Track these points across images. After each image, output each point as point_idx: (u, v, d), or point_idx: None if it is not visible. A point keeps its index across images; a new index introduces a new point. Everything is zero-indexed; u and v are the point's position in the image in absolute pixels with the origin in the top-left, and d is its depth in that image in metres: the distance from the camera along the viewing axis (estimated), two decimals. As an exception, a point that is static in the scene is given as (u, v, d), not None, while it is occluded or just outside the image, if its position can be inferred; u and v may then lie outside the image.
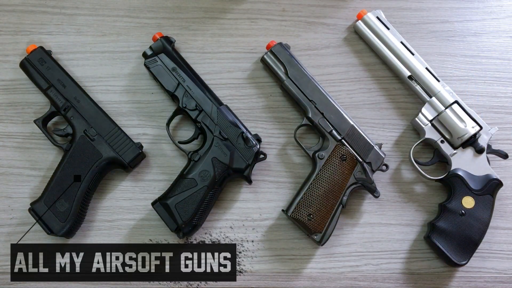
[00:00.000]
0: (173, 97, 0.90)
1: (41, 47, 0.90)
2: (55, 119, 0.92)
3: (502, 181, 0.88)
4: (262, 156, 0.90)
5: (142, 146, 0.90)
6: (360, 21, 0.95)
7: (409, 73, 0.92)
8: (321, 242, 0.87)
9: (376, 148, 0.90)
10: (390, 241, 0.91)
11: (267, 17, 0.98)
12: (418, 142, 0.91)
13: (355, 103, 0.95)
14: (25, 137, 0.92)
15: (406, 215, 0.92)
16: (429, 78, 0.91)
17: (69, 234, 0.86)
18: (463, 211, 0.86)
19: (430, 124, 0.90)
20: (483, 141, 0.89)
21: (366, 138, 0.90)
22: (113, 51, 0.95)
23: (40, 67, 0.89)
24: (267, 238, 0.91)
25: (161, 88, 0.91)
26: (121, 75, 0.95)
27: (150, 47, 0.91)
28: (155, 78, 0.90)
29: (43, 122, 0.89)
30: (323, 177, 0.88)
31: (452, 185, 0.88)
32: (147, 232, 0.90)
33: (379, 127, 0.95)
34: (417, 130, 0.93)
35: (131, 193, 0.91)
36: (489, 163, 0.89)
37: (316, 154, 0.89)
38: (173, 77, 0.89)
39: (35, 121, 0.89)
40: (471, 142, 0.89)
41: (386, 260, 0.91)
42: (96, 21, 0.96)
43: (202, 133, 0.90)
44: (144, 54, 0.91)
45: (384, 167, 0.90)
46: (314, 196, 0.87)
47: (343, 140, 0.89)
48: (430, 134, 0.90)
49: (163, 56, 0.90)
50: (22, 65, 0.90)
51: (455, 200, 0.87)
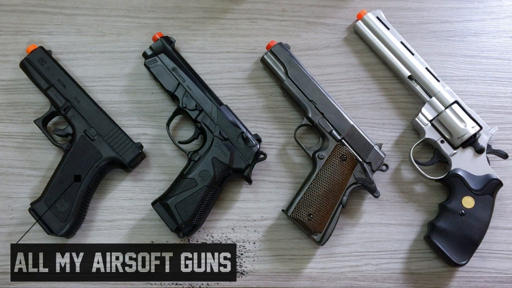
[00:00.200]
0: (173, 97, 0.90)
1: (41, 47, 0.90)
2: (55, 119, 0.92)
3: (502, 181, 0.88)
4: (262, 156, 0.90)
5: (142, 146, 0.90)
6: (360, 21, 0.95)
7: (409, 73, 0.92)
8: (321, 242, 0.87)
9: (376, 148, 0.90)
10: (390, 241, 0.91)
11: (267, 17, 0.98)
12: (418, 142, 0.91)
13: (355, 103, 0.95)
14: (25, 137, 0.92)
15: (406, 215, 0.92)
16: (429, 78, 0.91)
17: (69, 234, 0.86)
18: (463, 211, 0.86)
19: (430, 124, 0.90)
20: (483, 141, 0.89)
21: (366, 138, 0.90)
22: (113, 51, 0.95)
23: (40, 67, 0.89)
24: (267, 238, 0.91)
25: (161, 88, 0.91)
26: (121, 75, 0.95)
27: (150, 47, 0.91)
28: (155, 78, 0.90)
29: (43, 122, 0.89)
30: (323, 177, 0.88)
31: (452, 185, 0.88)
32: (147, 232, 0.90)
33: (379, 127, 0.95)
34: (417, 130, 0.93)
35: (131, 193, 0.91)
36: (489, 163, 0.89)
37: (316, 154, 0.89)
38: (173, 77, 0.89)
39: (35, 121, 0.89)
40: (471, 142, 0.89)
41: (386, 260, 0.91)
42: (96, 21, 0.96)
43: (202, 133, 0.90)
44: (144, 54, 0.91)
45: (384, 167, 0.90)
46: (314, 196, 0.87)
47: (343, 140, 0.89)
48: (430, 134, 0.90)
49: (163, 56, 0.90)
50: (22, 65, 0.90)
51: (455, 200, 0.87)
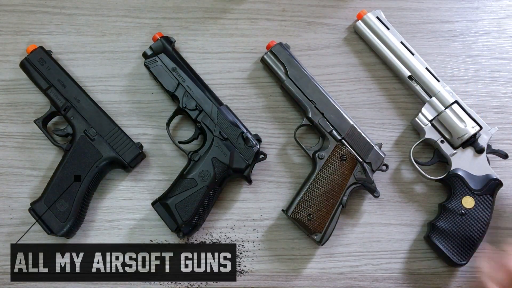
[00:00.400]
0: (173, 97, 0.90)
1: (41, 47, 0.90)
2: (55, 119, 0.92)
3: (502, 181, 0.88)
4: (262, 156, 0.90)
5: (142, 146, 0.90)
6: (360, 21, 0.95)
7: (409, 73, 0.92)
8: (321, 242, 0.87)
9: (376, 148, 0.90)
10: (390, 241, 0.91)
11: (267, 17, 0.98)
12: (418, 142, 0.91)
13: (355, 103, 0.95)
14: (25, 137, 0.92)
15: (406, 215, 0.92)
16: (429, 78, 0.91)
17: (69, 234, 0.86)
18: (463, 211, 0.86)
19: (430, 124, 0.90)
20: (483, 141, 0.89)
21: (366, 138, 0.90)
22: (113, 51, 0.95)
23: (40, 67, 0.89)
24: (267, 238, 0.91)
25: (161, 88, 0.91)
26: (121, 75, 0.95)
27: (150, 47, 0.91)
28: (155, 78, 0.90)
29: (43, 122, 0.89)
30: (323, 177, 0.88)
31: (452, 185, 0.88)
32: (147, 232, 0.90)
33: (379, 127, 0.95)
34: (417, 130, 0.93)
35: (131, 193, 0.91)
36: (489, 163, 0.89)
37: (316, 154, 0.89)
38: (173, 77, 0.89)
39: (35, 121, 0.89)
40: (471, 142, 0.89)
41: (386, 260, 0.91)
42: (96, 21, 0.96)
43: (202, 133, 0.90)
44: (144, 54, 0.91)
45: (384, 167, 0.90)
46: (314, 196, 0.87)
47: (343, 140, 0.89)
48: (430, 134, 0.90)
49: (163, 56, 0.90)
50: (22, 65, 0.90)
51: (455, 200, 0.87)
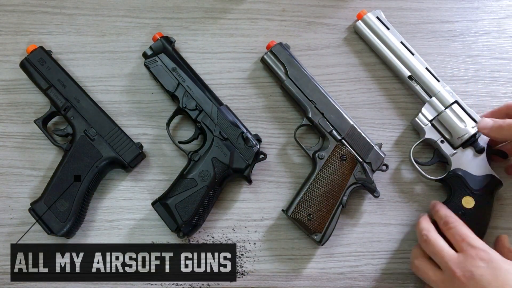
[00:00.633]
0: (173, 97, 0.90)
1: (41, 47, 0.90)
2: (55, 119, 0.92)
3: (502, 181, 0.88)
4: (262, 156, 0.90)
5: (142, 146, 0.90)
6: (360, 21, 0.95)
7: (409, 73, 0.91)
8: (321, 242, 0.87)
9: (376, 148, 0.90)
10: (390, 241, 0.91)
11: (267, 17, 0.98)
12: (418, 142, 0.91)
13: (355, 103, 0.95)
14: (25, 137, 0.92)
15: (406, 215, 0.92)
16: (429, 78, 0.91)
17: (69, 234, 0.86)
18: (463, 211, 0.86)
19: (430, 124, 0.90)
20: (483, 141, 0.89)
21: (366, 138, 0.90)
22: (113, 51, 0.95)
23: (40, 67, 0.89)
24: (267, 238, 0.91)
25: (161, 88, 0.91)
26: (121, 75, 0.95)
27: (150, 47, 0.91)
28: (155, 78, 0.90)
29: (43, 122, 0.89)
30: (323, 177, 0.88)
31: (452, 185, 0.88)
32: (147, 232, 0.90)
33: (379, 127, 0.95)
34: (417, 130, 0.93)
35: (131, 193, 0.91)
36: (490, 163, 0.89)
37: (316, 154, 0.89)
38: (173, 77, 0.89)
39: (35, 121, 0.89)
40: (471, 142, 0.88)
41: (386, 260, 0.91)
42: (96, 21, 0.96)
43: (202, 133, 0.90)
44: (144, 54, 0.91)
45: (384, 167, 0.90)
46: (314, 196, 0.87)
47: (343, 140, 0.89)
48: (430, 134, 0.90)
49: (163, 56, 0.90)
50: (22, 65, 0.90)
51: (455, 200, 0.87)
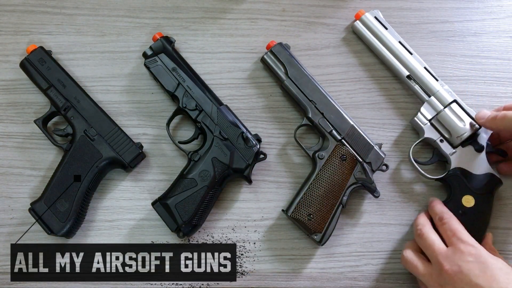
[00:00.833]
0: (173, 97, 0.90)
1: (41, 47, 0.90)
2: (55, 119, 0.92)
3: (502, 180, 0.88)
4: (262, 156, 0.90)
5: (142, 146, 0.90)
6: (358, 21, 0.95)
7: (408, 73, 0.91)
8: (321, 242, 0.87)
9: (376, 148, 0.90)
10: (390, 241, 0.91)
11: (267, 17, 0.98)
12: (417, 142, 0.91)
13: (355, 103, 0.95)
14: (25, 137, 0.92)
15: (406, 215, 0.92)
16: (428, 78, 0.91)
17: (69, 234, 0.86)
18: (463, 210, 0.86)
19: (429, 124, 0.90)
20: (483, 140, 0.88)
21: (366, 138, 0.90)
22: (113, 51, 0.95)
23: (40, 67, 0.89)
24: (267, 238, 0.91)
25: (161, 88, 0.91)
26: (121, 75, 0.95)
27: (150, 47, 0.91)
28: (155, 78, 0.90)
29: (43, 122, 0.89)
30: (323, 177, 0.88)
31: (452, 184, 0.88)
32: (147, 232, 0.90)
33: (379, 127, 0.95)
34: (417, 130, 0.93)
35: (131, 193, 0.91)
36: (489, 162, 0.88)
37: (316, 154, 0.89)
38: (173, 77, 0.89)
39: (35, 121, 0.89)
40: (471, 141, 0.88)
41: (386, 260, 0.91)
42: (96, 21, 0.96)
43: (202, 133, 0.90)
44: (144, 54, 0.91)
45: (384, 167, 0.90)
46: (314, 196, 0.87)
47: (343, 140, 0.89)
48: (429, 134, 0.90)
49: (163, 56, 0.90)
50: (22, 65, 0.90)
51: (455, 199, 0.87)
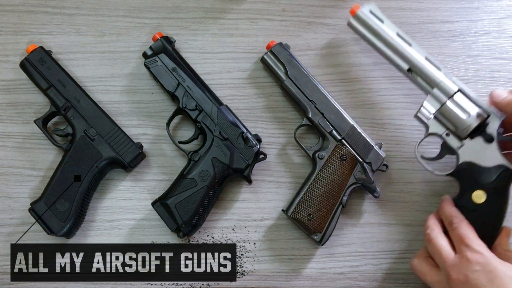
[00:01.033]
0: (173, 97, 0.90)
1: (41, 47, 0.90)
2: (55, 119, 0.92)
3: None
4: (262, 156, 0.90)
5: (142, 146, 0.90)
6: (353, 18, 0.88)
7: (408, 66, 0.85)
8: (321, 242, 0.87)
9: (376, 148, 0.90)
10: (390, 241, 0.91)
11: (267, 17, 0.98)
12: (422, 138, 0.86)
13: (355, 103, 0.95)
14: (25, 137, 0.92)
15: (406, 215, 0.92)
16: (429, 68, 0.84)
17: (69, 234, 0.86)
18: (474, 207, 0.80)
19: (433, 117, 0.84)
20: (492, 129, 0.80)
21: (366, 138, 0.90)
22: (113, 51, 0.95)
23: (40, 67, 0.89)
24: (267, 238, 0.91)
25: (161, 88, 0.91)
26: (121, 75, 0.95)
27: (150, 47, 0.91)
28: (155, 78, 0.90)
29: (43, 122, 0.89)
30: (323, 177, 0.88)
31: (461, 180, 0.82)
32: (147, 232, 0.90)
33: (379, 127, 0.95)
34: (422, 125, 0.87)
35: (131, 193, 0.91)
36: (502, 152, 0.80)
37: (316, 154, 0.89)
38: (173, 77, 0.89)
39: (35, 121, 0.89)
40: (479, 132, 0.81)
41: (386, 260, 0.91)
42: (96, 21, 0.96)
43: (202, 133, 0.90)
44: (144, 54, 0.91)
45: (384, 167, 0.90)
46: (314, 196, 0.87)
47: (343, 140, 0.89)
48: (434, 128, 0.84)
49: (163, 56, 0.90)
50: (22, 65, 0.90)
51: (465, 196, 0.81)
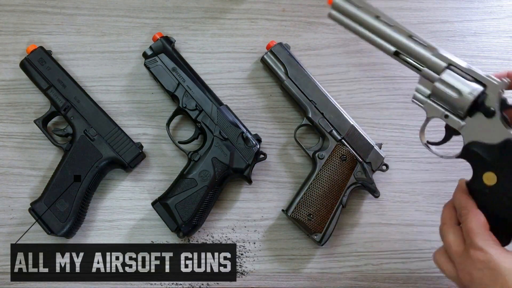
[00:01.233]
0: (173, 97, 0.90)
1: (41, 47, 0.90)
2: (55, 119, 0.92)
3: None
4: (262, 156, 0.90)
5: (142, 146, 0.90)
6: (332, 7, 0.79)
7: (394, 49, 0.77)
8: (321, 242, 0.87)
9: (376, 148, 0.90)
10: (390, 241, 0.91)
11: (267, 17, 0.98)
12: (424, 124, 0.78)
13: (355, 103, 0.95)
14: (25, 137, 0.92)
15: (406, 215, 0.92)
16: (415, 47, 0.75)
17: (69, 234, 0.86)
18: (488, 190, 0.71)
19: (430, 100, 0.75)
20: (492, 102, 0.70)
21: (366, 138, 0.90)
22: (113, 51, 0.95)
23: (40, 67, 0.89)
24: (267, 238, 0.91)
25: (161, 88, 0.91)
26: (121, 75, 0.95)
27: (150, 47, 0.90)
28: (155, 78, 0.90)
29: (43, 122, 0.89)
30: (323, 177, 0.88)
31: (471, 162, 0.73)
32: (147, 232, 0.90)
33: (379, 127, 0.95)
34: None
35: (131, 193, 0.91)
36: (507, 124, 0.71)
37: (316, 154, 0.89)
38: (173, 77, 0.89)
39: (35, 121, 0.88)
40: (478, 107, 0.71)
41: (386, 260, 0.91)
42: (96, 21, 0.96)
43: (202, 133, 0.90)
44: (144, 54, 0.91)
45: (384, 167, 0.90)
46: (314, 196, 0.87)
47: (343, 140, 0.89)
48: (432, 112, 0.75)
49: (163, 56, 0.90)
50: (22, 65, 0.90)
51: (476, 179, 0.72)
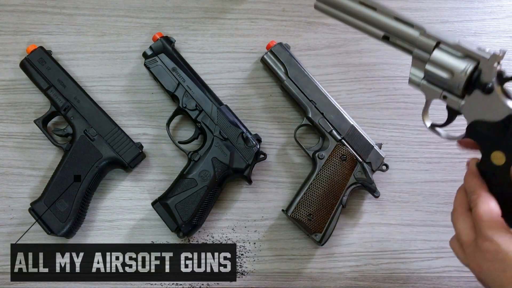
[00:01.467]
0: (173, 97, 0.90)
1: (41, 47, 0.90)
2: (55, 119, 0.92)
3: None
4: (262, 156, 0.90)
5: (142, 146, 0.90)
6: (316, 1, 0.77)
7: (383, 32, 0.72)
8: (321, 242, 0.87)
9: (376, 148, 0.90)
10: (390, 241, 0.91)
11: (267, 17, 0.98)
12: (424, 107, 0.74)
13: (355, 103, 0.95)
14: (25, 137, 0.92)
15: (406, 215, 0.92)
16: (402, 28, 0.70)
17: (69, 234, 0.86)
18: (497, 171, 0.67)
19: (425, 82, 0.70)
20: (487, 76, 0.65)
21: (366, 138, 0.90)
22: (113, 51, 0.95)
23: (40, 67, 0.89)
24: (267, 238, 0.91)
25: (161, 88, 0.91)
26: (121, 75, 0.95)
27: (150, 47, 0.90)
28: (155, 78, 0.90)
29: (43, 122, 0.89)
30: (323, 177, 0.88)
31: (478, 142, 0.69)
32: (147, 232, 0.90)
33: (379, 127, 0.95)
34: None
35: (131, 193, 0.91)
36: (508, 98, 0.66)
37: (316, 154, 0.89)
38: (173, 77, 0.89)
39: (35, 121, 0.89)
40: (473, 84, 0.66)
41: (386, 260, 0.91)
42: (96, 21, 0.96)
43: (202, 133, 0.90)
44: (144, 54, 0.91)
45: (384, 167, 0.90)
46: (314, 196, 0.87)
47: (343, 140, 0.89)
48: (430, 94, 0.70)
49: (163, 56, 0.90)
50: (22, 65, 0.90)
51: (485, 160, 0.68)
